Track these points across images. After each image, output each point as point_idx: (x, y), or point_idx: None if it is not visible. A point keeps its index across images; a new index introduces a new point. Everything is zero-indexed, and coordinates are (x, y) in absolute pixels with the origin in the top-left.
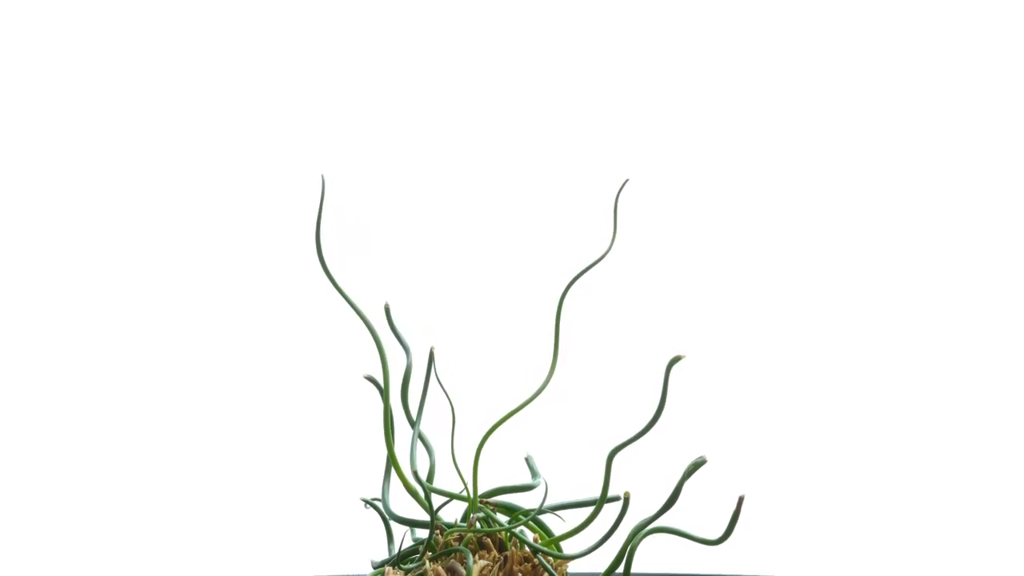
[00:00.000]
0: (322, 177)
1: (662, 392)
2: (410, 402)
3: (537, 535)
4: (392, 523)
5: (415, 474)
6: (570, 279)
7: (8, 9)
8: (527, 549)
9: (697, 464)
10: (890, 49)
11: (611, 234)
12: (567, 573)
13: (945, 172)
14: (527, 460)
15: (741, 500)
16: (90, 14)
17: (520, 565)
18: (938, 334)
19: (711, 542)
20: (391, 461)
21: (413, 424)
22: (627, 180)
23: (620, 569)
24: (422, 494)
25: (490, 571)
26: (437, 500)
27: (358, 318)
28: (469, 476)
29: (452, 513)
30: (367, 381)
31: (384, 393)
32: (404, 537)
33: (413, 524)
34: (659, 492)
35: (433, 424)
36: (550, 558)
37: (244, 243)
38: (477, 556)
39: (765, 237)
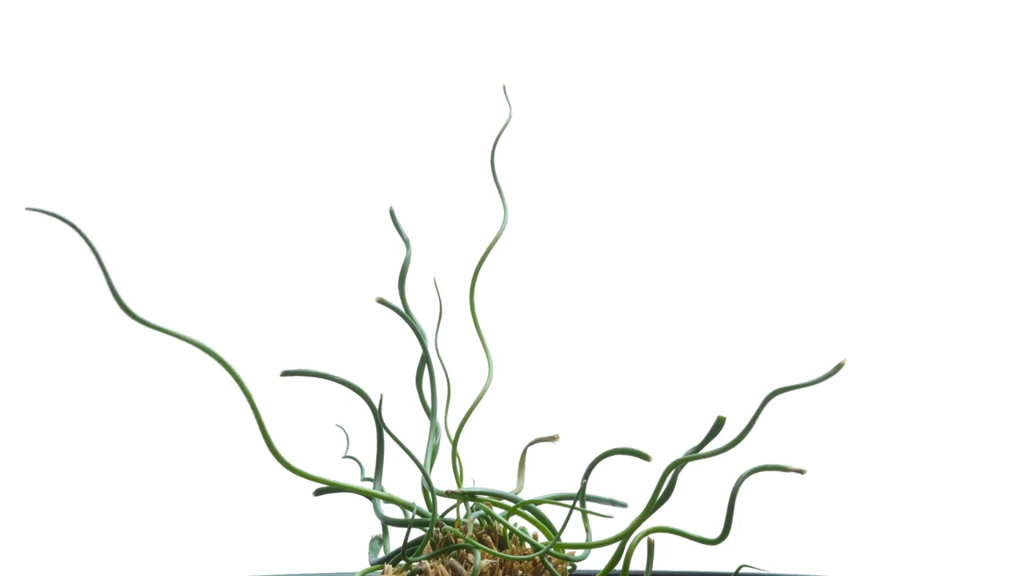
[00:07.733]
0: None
1: (753, 417)
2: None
3: (539, 529)
4: (389, 514)
5: (425, 471)
6: (474, 267)
7: None
8: (527, 546)
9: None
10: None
11: (502, 206)
12: (568, 570)
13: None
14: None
15: (796, 470)
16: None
17: (521, 563)
18: (927, 326)
19: (710, 541)
20: (278, 457)
21: (430, 414)
22: (504, 127)
23: (619, 567)
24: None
25: (491, 568)
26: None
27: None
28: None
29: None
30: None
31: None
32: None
33: (412, 524)
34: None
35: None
36: (552, 556)
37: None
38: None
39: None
